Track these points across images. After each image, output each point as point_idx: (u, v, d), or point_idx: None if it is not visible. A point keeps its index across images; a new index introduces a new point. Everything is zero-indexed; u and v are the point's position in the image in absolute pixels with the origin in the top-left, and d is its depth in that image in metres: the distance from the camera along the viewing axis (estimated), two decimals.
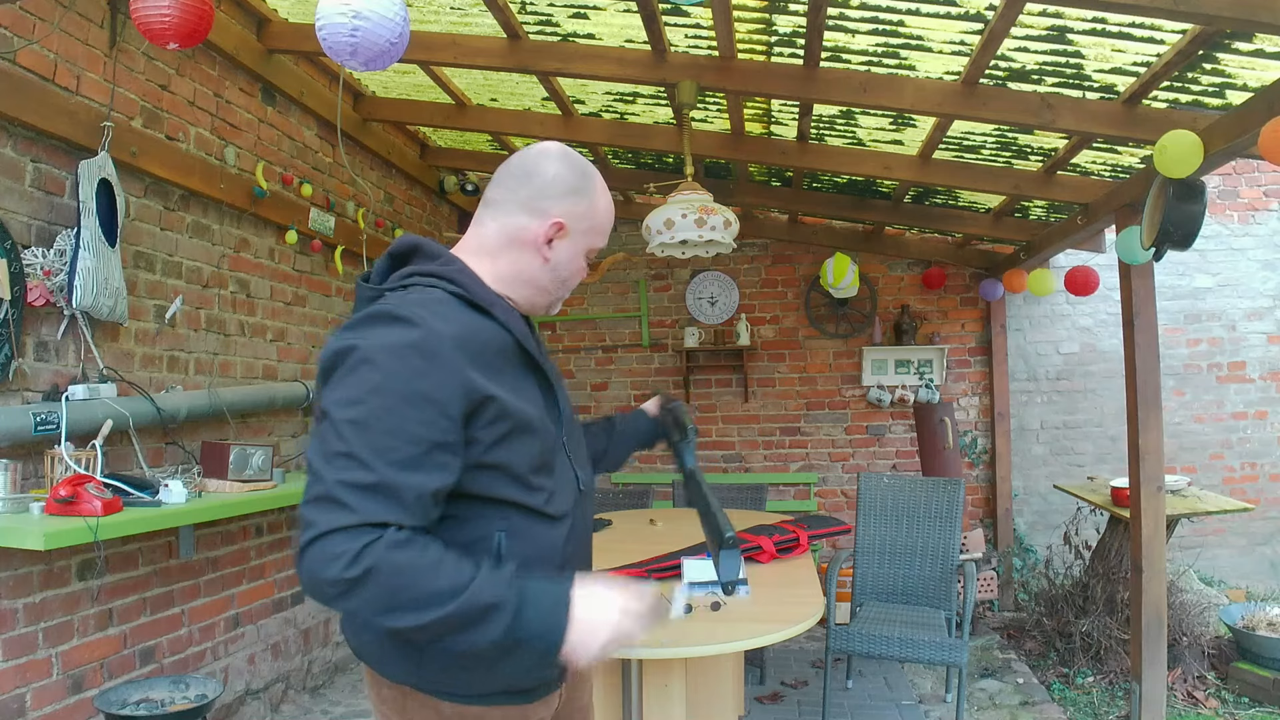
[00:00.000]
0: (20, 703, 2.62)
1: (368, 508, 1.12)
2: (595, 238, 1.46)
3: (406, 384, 1.17)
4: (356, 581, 1.10)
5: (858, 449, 6.07)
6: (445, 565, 1.15)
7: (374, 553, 1.10)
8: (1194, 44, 2.70)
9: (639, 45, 3.57)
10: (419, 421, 1.17)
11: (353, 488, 1.12)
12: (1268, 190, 5.81)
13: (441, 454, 1.19)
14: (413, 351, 1.19)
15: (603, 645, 1.21)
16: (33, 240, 2.72)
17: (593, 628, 1.21)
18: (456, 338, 1.23)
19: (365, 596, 1.11)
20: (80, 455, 2.64)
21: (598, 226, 1.46)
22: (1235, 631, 4.18)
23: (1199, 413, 5.81)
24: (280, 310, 4.11)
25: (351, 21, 2.15)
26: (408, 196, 5.51)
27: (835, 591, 3.76)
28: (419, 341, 1.19)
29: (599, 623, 1.21)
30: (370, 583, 1.10)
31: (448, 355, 1.21)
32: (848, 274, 5.55)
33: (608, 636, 1.22)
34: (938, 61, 3.28)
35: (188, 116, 3.45)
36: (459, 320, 1.27)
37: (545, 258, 1.42)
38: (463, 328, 1.26)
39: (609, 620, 1.22)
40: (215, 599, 3.54)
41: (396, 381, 1.16)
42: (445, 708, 1.34)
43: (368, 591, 1.11)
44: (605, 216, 1.47)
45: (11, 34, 2.61)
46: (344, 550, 1.09)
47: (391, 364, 1.17)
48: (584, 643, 1.20)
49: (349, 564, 1.09)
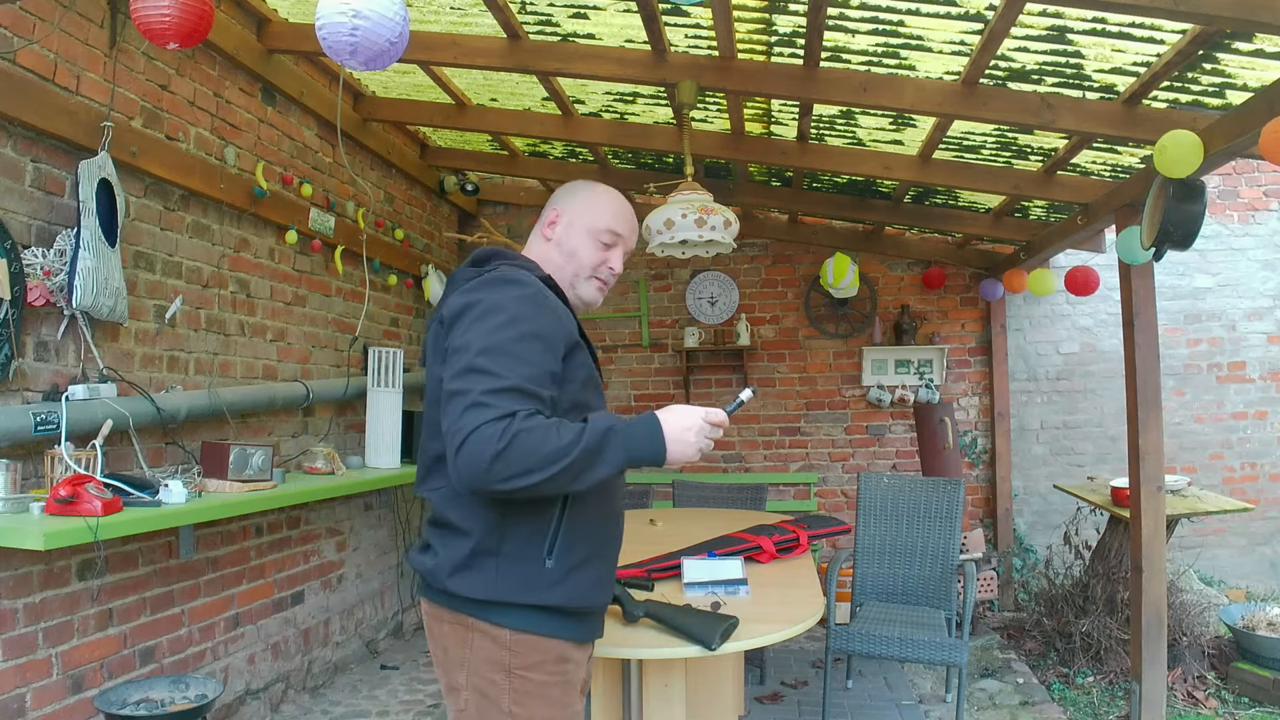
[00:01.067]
0: (20, 703, 2.62)
1: (504, 404, 1.44)
2: (594, 217, 1.80)
3: (527, 324, 1.53)
4: (505, 450, 1.40)
5: (858, 449, 6.07)
6: (564, 425, 1.46)
7: (513, 427, 1.42)
8: (1194, 44, 2.70)
9: (639, 45, 3.57)
10: (538, 351, 1.53)
11: (493, 393, 1.45)
12: (1268, 190, 5.81)
13: (551, 381, 1.55)
14: (527, 302, 1.57)
15: (695, 444, 1.53)
16: (33, 240, 2.72)
17: (683, 431, 1.53)
18: (553, 297, 1.64)
19: (514, 459, 1.40)
20: (80, 455, 2.64)
21: (593, 209, 1.81)
22: (1235, 631, 4.18)
23: (1199, 413, 5.81)
24: (280, 310, 4.11)
25: (351, 21, 2.15)
26: (408, 196, 5.51)
27: (835, 591, 3.76)
28: (532, 295, 1.58)
29: (687, 426, 1.53)
30: (516, 447, 1.40)
31: (553, 306, 1.61)
32: (848, 274, 5.55)
33: (695, 436, 1.53)
34: (938, 61, 3.28)
35: (188, 116, 3.45)
36: (550, 290, 1.67)
37: (547, 237, 1.83)
38: (555, 293, 1.69)
39: (693, 424, 1.53)
40: (215, 599, 3.54)
41: (519, 323, 1.52)
42: (505, 635, 1.58)
43: (514, 454, 1.40)
44: (602, 204, 1.82)
45: (11, 34, 2.61)
46: (492, 433, 1.41)
47: (514, 308, 1.54)
48: (681, 440, 1.52)
49: (498, 439, 1.40)
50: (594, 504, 1.67)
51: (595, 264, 1.80)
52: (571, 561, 1.62)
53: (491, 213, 6.42)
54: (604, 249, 1.80)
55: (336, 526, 4.53)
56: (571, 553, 1.62)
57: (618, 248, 1.83)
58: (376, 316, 5.05)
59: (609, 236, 1.80)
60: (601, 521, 1.71)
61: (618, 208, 1.83)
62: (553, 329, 1.57)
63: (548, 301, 1.61)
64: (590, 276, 1.81)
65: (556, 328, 1.58)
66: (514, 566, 1.58)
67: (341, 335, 4.65)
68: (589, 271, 1.80)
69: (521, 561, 1.58)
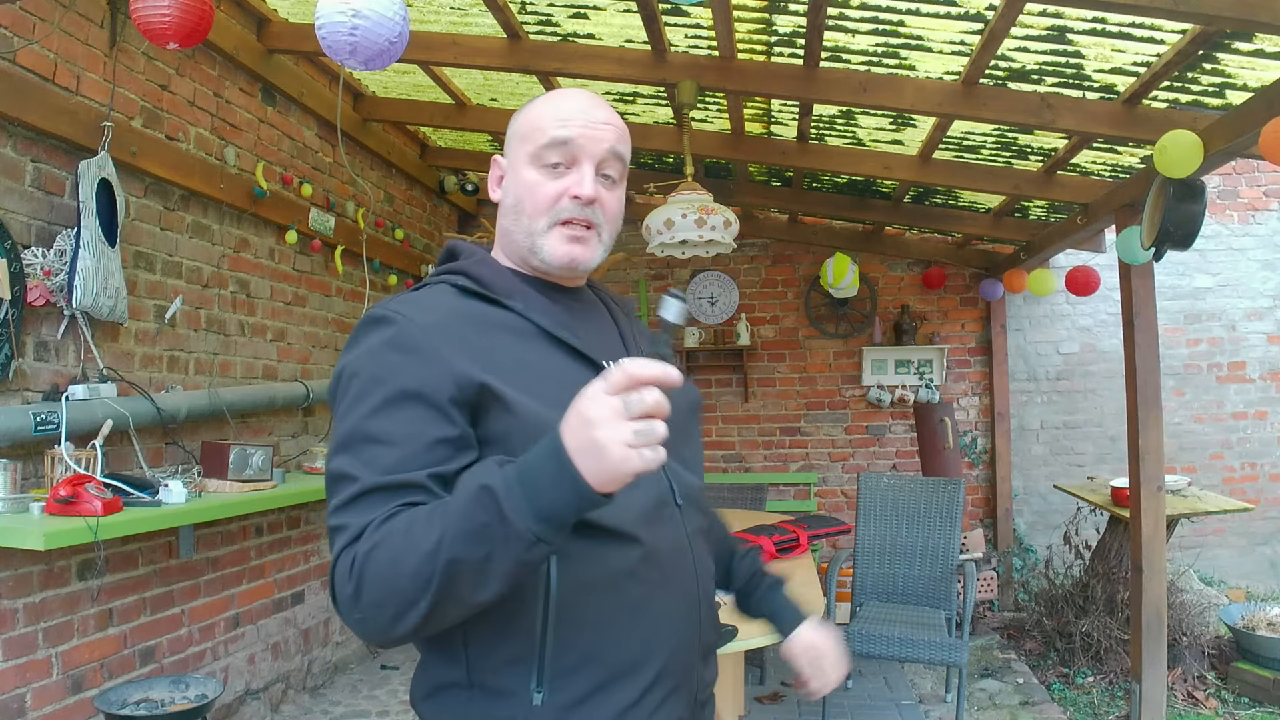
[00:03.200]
0: (20, 703, 2.62)
1: (357, 518, 0.96)
2: (526, 137, 1.16)
3: (389, 383, 1.02)
4: (360, 588, 0.93)
5: (858, 449, 6.07)
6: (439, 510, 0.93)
7: (361, 547, 0.94)
8: (1194, 44, 2.70)
9: (639, 45, 3.57)
10: (410, 419, 1.00)
11: (345, 506, 0.98)
12: (1268, 190, 5.81)
13: (441, 449, 1.00)
14: (388, 349, 1.04)
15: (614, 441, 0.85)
16: (33, 240, 2.72)
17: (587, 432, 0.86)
18: (438, 325, 1.06)
19: (375, 595, 0.93)
20: (80, 455, 2.64)
21: (524, 126, 1.17)
22: (1235, 631, 4.18)
23: (1199, 413, 5.81)
24: (280, 310, 4.11)
25: (351, 21, 2.15)
26: (408, 196, 5.51)
27: (835, 591, 3.76)
28: (394, 337, 1.04)
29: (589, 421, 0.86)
30: (370, 576, 0.92)
31: (427, 345, 1.03)
32: (848, 274, 5.55)
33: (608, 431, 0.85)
34: (938, 61, 3.28)
35: (188, 116, 3.45)
36: (448, 308, 1.10)
37: (498, 200, 1.21)
38: (451, 315, 1.08)
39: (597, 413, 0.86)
40: (215, 599, 3.54)
41: (377, 385, 1.02)
42: None
43: (372, 588, 0.92)
44: (533, 112, 1.18)
45: (11, 34, 2.61)
46: (344, 569, 0.95)
47: (370, 368, 1.04)
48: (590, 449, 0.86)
49: (349, 577, 0.94)
50: (609, 579, 1.05)
51: (547, 202, 1.14)
52: (575, 690, 1.04)
53: (491, 213, 6.35)
54: (551, 173, 1.14)
55: None
56: (576, 676, 1.04)
57: (580, 166, 1.14)
58: None
59: (554, 153, 1.13)
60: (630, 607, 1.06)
61: (556, 103, 1.17)
62: (435, 377, 1.02)
63: (425, 339, 1.04)
64: (550, 226, 1.14)
65: (441, 374, 1.02)
66: (489, 705, 1.05)
67: (341, 335, 4.65)
68: (544, 218, 1.14)
69: (498, 698, 1.05)
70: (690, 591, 1.13)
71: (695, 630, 1.13)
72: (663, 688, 1.08)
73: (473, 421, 1.04)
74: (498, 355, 1.06)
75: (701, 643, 1.15)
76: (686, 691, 1.12)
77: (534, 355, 1.09)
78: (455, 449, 1.02)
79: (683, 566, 1.12)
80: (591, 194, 1.13)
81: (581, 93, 1.18)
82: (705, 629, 1.16)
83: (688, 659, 1.12)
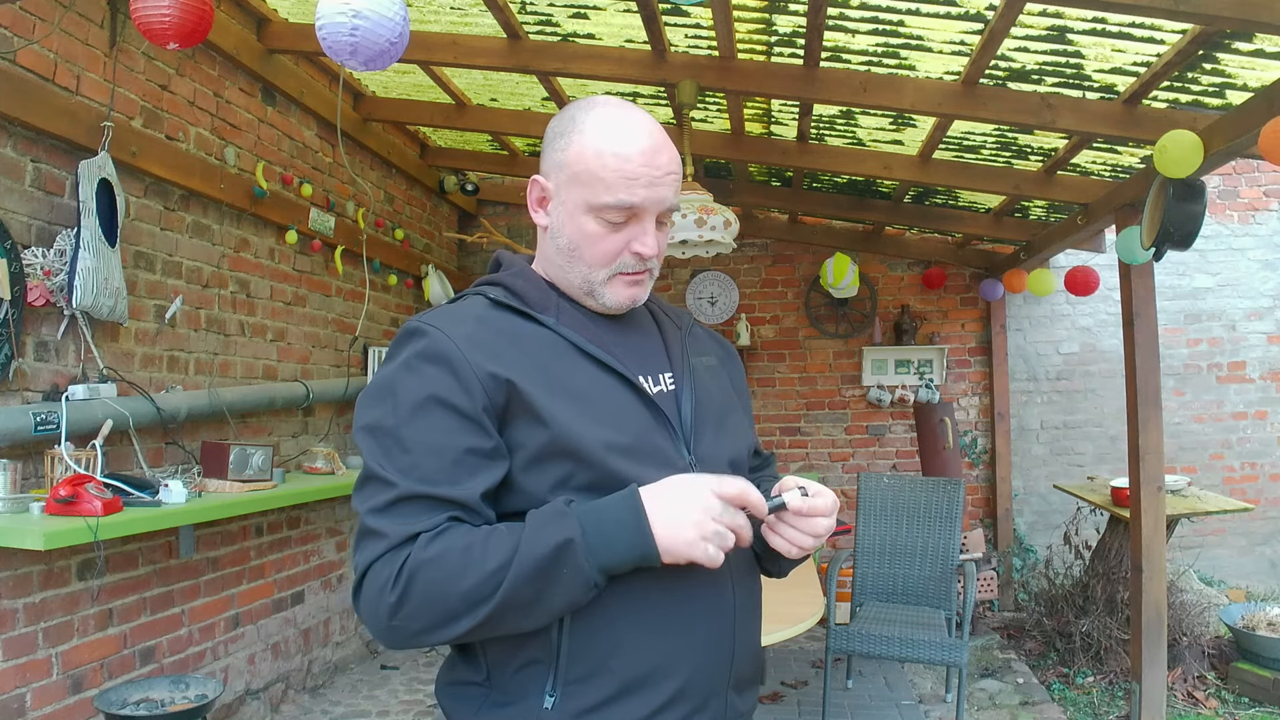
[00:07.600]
0: (20, 703, 2.62)
1: (397, 526, 1.00)
2: (589, 185, 1.11)
3: (418, 393, 1.04)
4: (403, 599, 0.98)
5: (858, 449, 6.07)
6: (494, 538, 0.99)
7: (411, 563, 0.98)
8: (1194, 44, 2.70)
9: (639, 45, 3.57)
10: (443, 428, 1.03)
11: (380, 511, 1.02)
12: (1268, 190, 5.81)
13: (472, 459, 1.03)
14: (420, 360, 1.06)
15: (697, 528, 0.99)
16: (33, 240, 2.72)
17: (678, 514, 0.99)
18: (469, 336, 1.08)
19: (418, 609, 0.98)
20: (80, 455, 2.64)
21: (586, 170, 1.11)
22: (1235, 631, 4.18)
23: (1199, 413, 5.81)
24: (280, 310, 4.11)
25: (351, 21, 2.15)
26: (408, 196, 5.51)
27: (835, 591, 3.76)
28: (425, 348, 1.07)
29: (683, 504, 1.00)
30: (417, 592, 0.98)
31: (458, 355, 1.05)
32: (848, 274, 5.55)
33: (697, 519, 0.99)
34: (938, 61, 3.28)
35: (188, 116, 3.45)
36: (480, 319, 1.12)
37: (544, 225, 1.19)
38: (482, 325, 1.11)
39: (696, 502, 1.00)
40: (215, 599, 3.54)
41: (409, 394, 1.05)
42: None
43: (417, 603, 0.98)
44: (594, 156, 1.11)
45: (11, 34, 2.61)
46: (385, 576, 0.99)
47: (402, 379, 1.06)
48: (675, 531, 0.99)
49: (392, 585, 0.98)
50: (627, 594, 1.05)
51: (608, 257, 1.14)
52: (586, 700, 1.04)
53: (491, 213, 6.41)
54: (612, 227, 1.13)
55: (336, 526, 4.53)
56: (587, 685, 1.05)
57: (642, 222, 1.13)
58: (376, 316, 5.05)
59: (618, 214, 1.12)
60: (647, 623, 1.06)
61: (618, 147, 1.11)
62: (467, 387, 1.04)
63: (456, 350, 1.06)
64: (610, 276, 1.15)
65: (472, 383, 1.04)
66: (502, 705, 1.07)
67: (341, 335, 4.65)
68: (605, 270, 1.15)
69: (511, 700, 1.07)
70: (722, 615, 1.11)
71: (726, 655, 1.12)
72: (680, 709, 1.07)
73: (501, 428, 1.06)
74: (527, 366, 1.08)
75: (734, 672, 1.13)
76: (709, 718, 1.10)
77: (563, 368, 1.10)
78: (487, 459, 1.05)
79: (716, 590, 1.11)
80: (654, 252, 1.15)
81: (642, 130, 1.13)
82: (740, 658, 1.14)
83: (713, 684, 1.10)
